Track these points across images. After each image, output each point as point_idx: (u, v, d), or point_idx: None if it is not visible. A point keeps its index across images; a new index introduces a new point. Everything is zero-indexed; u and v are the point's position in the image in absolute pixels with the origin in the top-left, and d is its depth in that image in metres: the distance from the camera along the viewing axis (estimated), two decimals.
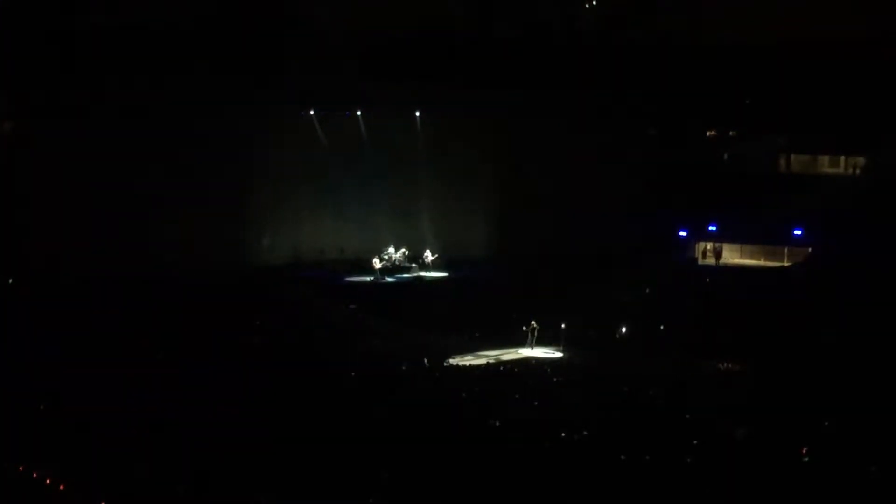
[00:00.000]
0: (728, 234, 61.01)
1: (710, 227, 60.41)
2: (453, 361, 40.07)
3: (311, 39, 56.53)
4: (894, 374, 35.69)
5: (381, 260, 55.98)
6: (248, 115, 54.85)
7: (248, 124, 55.05)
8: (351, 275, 55.56)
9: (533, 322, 42.95)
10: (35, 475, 24.16)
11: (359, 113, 58.67)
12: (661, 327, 45.25)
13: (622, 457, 26.98)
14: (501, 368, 39.25)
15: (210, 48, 53.76)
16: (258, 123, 55.55)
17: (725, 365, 39.22)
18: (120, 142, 51.22)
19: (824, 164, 65.26)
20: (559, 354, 42.46)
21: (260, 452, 26.49)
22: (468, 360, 40.67)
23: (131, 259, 50.03)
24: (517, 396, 33.67)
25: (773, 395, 34.04)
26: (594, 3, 65.73)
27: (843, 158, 64.52)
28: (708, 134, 66.20)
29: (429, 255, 57.19)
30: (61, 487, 23.55)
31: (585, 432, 29.37)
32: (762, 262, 60.87)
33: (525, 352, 42.59)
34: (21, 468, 24.57)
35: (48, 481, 23.84)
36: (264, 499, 23.32)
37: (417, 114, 59.40)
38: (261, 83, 54.72)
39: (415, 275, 56.23)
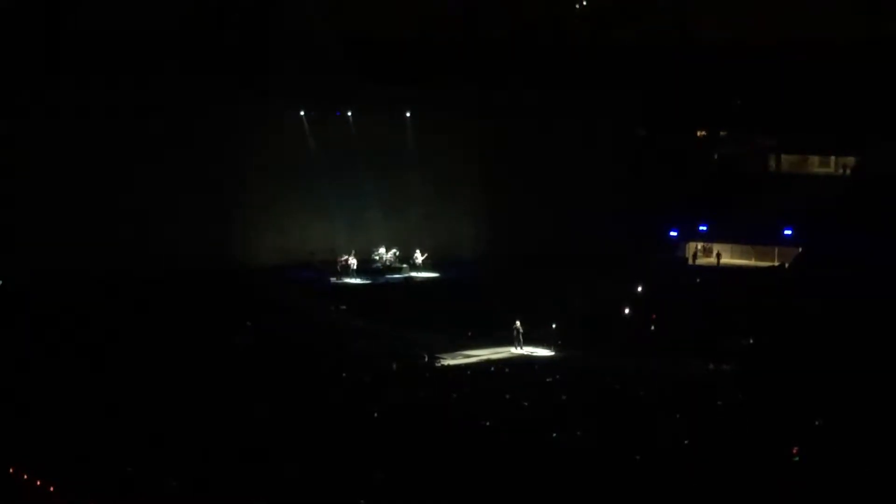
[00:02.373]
0: (718, 234, 61.04)
1: (701, 228, 60.45)
2: (444, 361, 40.00)
3: (301, 40, 56.45)
4: (886, 373, 35.70)
5: (373, 261, 56.06)
6: (238, 116, 54.80)
7: (237, 125, 55.01)
8: (338, 275, 55.48)
9: (517, 322, 42.87)
10: (25, 476, 24.10)
11: (349, 113, 58.63)
12: (652, 327, 45.24)
13: (613, 456, 27.02)
14: (492, 368, 39.20)
15: (200, 49, 53.69)
16: (248, 124, 55.48)
17: (717, 365, 39.16)
18: (109, 143, 51.13)
19: (814, 164, 65.40)
20: (549, 353, 42.40)
21: (251, 453, 26.45)
22: (458, 360, 40.60)
23: (121, 259, 49.88)
24: (508, 396, 33.63)
25: (765, 394, 34.04)
26: (584, 3, 65.77)
27: (832, 158, 64.68)
28: (698, 134, 66.27)
29: (419, 256, 57.18)
30: (51, 489, 23.50)
31: (578, 432, 29.39)
32: (752, 262, 60.92)
33: (514, 351, 42.53)
34: (11, 470, 24.52)
35: (38, 483, 23.78)
36: (258, 499, 23.29)
37: (408, 114, 59.35)
38: (250, 84, 54.63)
39: (405, 275, 56.21)
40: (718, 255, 60.66)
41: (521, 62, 59.96)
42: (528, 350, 42.59)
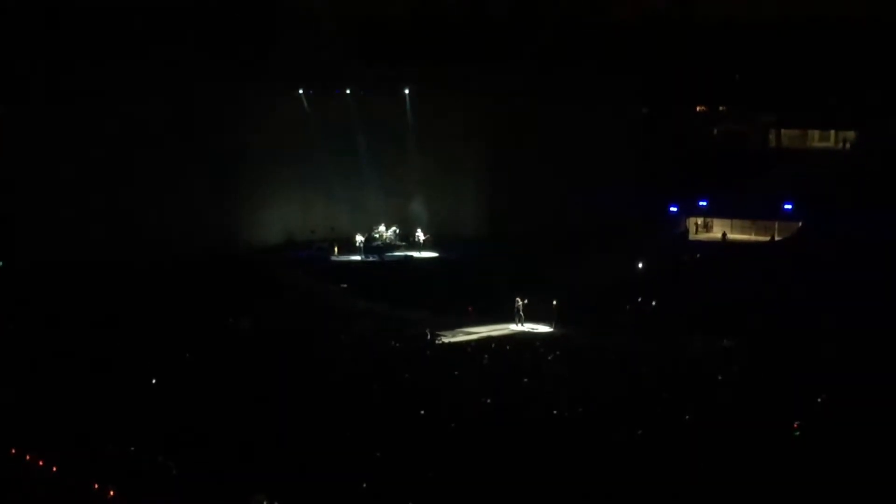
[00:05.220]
0: (718, 210, 60.94)
1: (701, 203, 60.34)
2: (444, 339, 40.03)
3: (299, 19, 56.22)
4: (887, 350, 35.70)
5: (373, 239, 56.09)
6: (237, 95, 54.67)
7: (237, 104, 54.87)
8: (338, 255, 55.53)
9: (518, 298, 42.90)
10: (28, 458, 24.18)
11: (348, 91, 58.50)
12: (654, 303, 45.21)
13: (615, 432, 27.10)
14: (493, 345, 39.23)
15: (198, 27, 53.40)
16: (247, 104, 55.36)
17: (718, 340, 39.13)
18: (107, 123, 50.91)
19: (814, 139, 65.19)
20: (549, 330, 42.41)
21: (253, 433, 26.50)
22: (459, 338, 40.63)
23: (121, 242, 49.78)
24: (509, 373, 33.70)
25: (766, 370, 34.07)
26: None
27: (832, 133, 64.47)
28: (698, 110, 66.09)
29: (420, 234, 57.16)
30: (54, 469, 23.59)
31: (580, 409, 29.44)
32: (753, 237, 60.86)
33: (514, 328, 42.58)
34: (14, 451, 24.60)
35: (41, 463, 23.86)
36: (259, 478, 23.34)
37: (407, 92, 59.20)
38: (250, 62, 54.44)
39: (405, 253, 56.21)
40: (724, 234, 60.49)
41: (521, 40, 59.70)
42: (528, 327, 42.62)
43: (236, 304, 43.51)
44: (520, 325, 42.65)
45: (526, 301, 42.80)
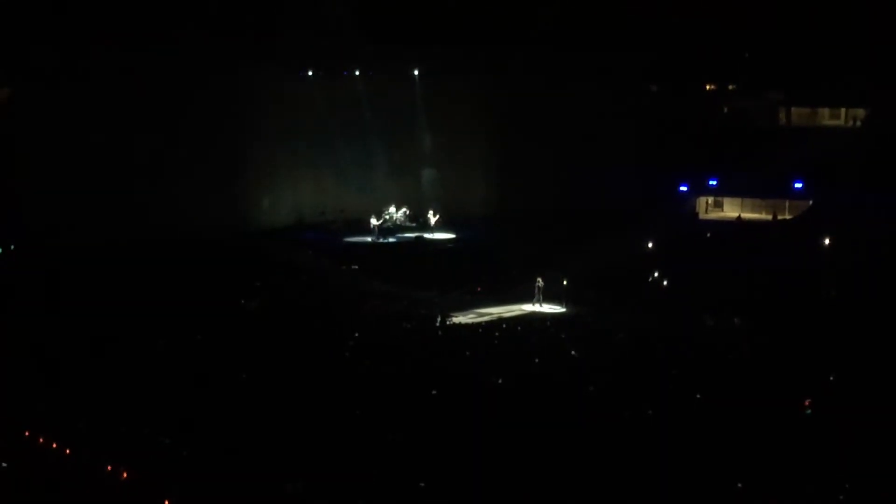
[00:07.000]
0: (728, 188, 60.87)
1: (711, 182, 60.25)
2: (456, 319, 40.03)
3: (307, 0, 56.14)
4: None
5: (384, 220, 56.02)
6: (247, 77, 54.62)
7: (247, 86, 54.83)
8: (350, 235, 55.58)
9: (539, 278, 42.90)
10: (41, 440, 24.27)
11: (357, 73, 58.44)
12: (665, 282, 45.17)
13: (624, 411, 27.12)
14: (504, 326, 39.23)
15: (208, 8, 53.29)
16: (257, 85, 55.32)
17: (729, 319, 39.11)
18: (118, 104, 50.81)
19: (824, 117, 64.97)
20: (561, 310, 42.40)
21: (263, 417, 26.55)
22: (471, 318, 40.64)
23: (130, 223, 49.76)
24: (519, 353, 33.71)
25: (777, 348, 34.05)
26: None
27: (843, 110, 64.22)
28: (707, 88, 65.89)
29: (430, 215, 57.14)
30: (67, 451, 23.66)
31: (591, 388, 29.45)
32: (764, 216, 60.78)
33: (529, 307, 42.57)
34: (27, 433, 24.69)
35: (54, 445, 23.94)
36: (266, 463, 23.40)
37: (416, 72, 59.13)
38: (259, 44, 54.37)
39: (416, 234, 56.17)
40: (739, 216, 60.38)
41: (530, 19, 59.53)
42: (545, 307, 42.57)
43: (246, 286, 43.56)
44: (538, 304, 42.65)
45: (541, 280, 42.79)
